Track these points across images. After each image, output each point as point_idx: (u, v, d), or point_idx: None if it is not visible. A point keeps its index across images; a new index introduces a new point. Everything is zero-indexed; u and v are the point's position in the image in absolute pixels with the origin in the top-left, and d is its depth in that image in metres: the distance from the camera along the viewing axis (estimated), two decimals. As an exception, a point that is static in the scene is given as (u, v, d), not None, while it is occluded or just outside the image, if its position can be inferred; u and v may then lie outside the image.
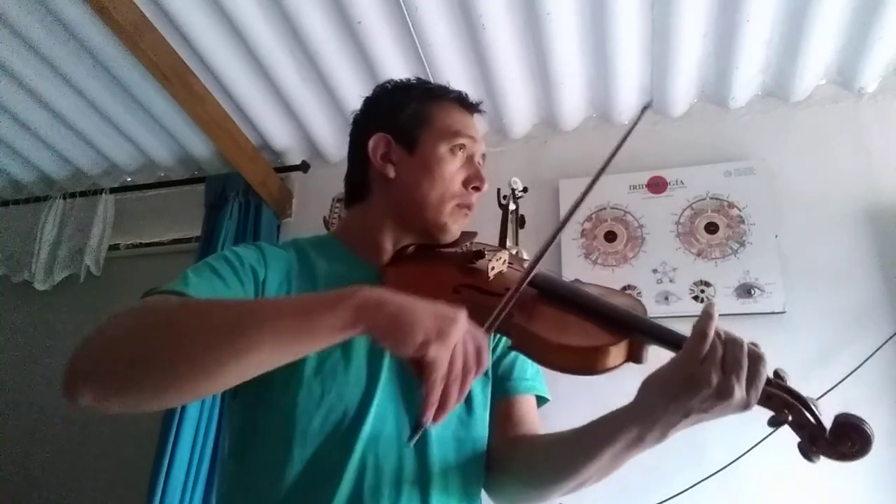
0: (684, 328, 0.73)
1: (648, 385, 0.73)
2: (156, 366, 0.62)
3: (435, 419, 0.64)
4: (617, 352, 0.75)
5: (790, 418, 0.68)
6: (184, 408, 2.05)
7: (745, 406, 0.68)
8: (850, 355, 1.74)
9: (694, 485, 1.70)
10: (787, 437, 0.69)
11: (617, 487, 1.77)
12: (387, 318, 0.63)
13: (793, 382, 0.70)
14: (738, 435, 1.69)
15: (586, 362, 0.75)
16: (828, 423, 0.67)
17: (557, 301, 0.84)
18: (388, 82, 1.04)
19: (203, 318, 0.65)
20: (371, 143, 0.96)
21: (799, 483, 1.68)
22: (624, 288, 2.00)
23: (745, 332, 0.69)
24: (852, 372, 1.69)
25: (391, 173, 0.95)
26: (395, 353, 0.65)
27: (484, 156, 1.02)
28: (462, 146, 0.96)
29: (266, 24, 1.97)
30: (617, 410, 0.77)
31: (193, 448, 2.06)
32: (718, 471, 1.69)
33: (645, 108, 0.91)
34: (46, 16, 2.05)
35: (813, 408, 0.68)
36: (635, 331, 0.76)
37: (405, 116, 0.97)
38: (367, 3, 1.87)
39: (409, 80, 1.04)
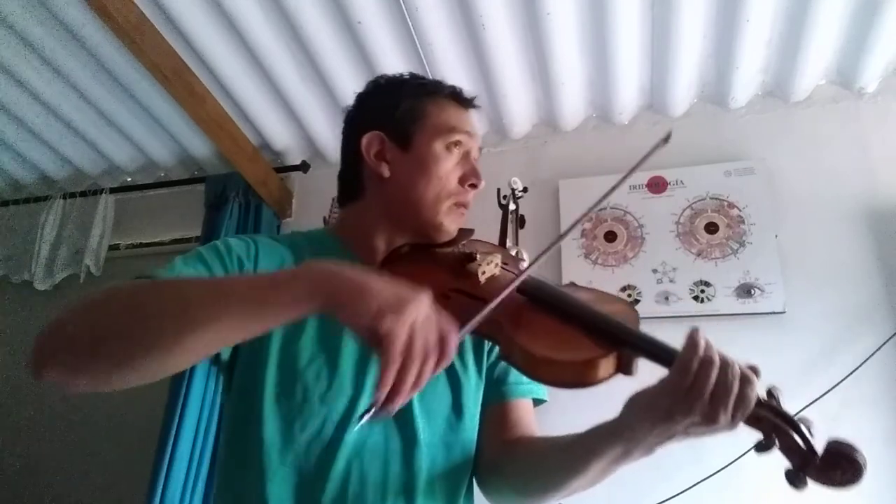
0: (684, 329, 0.73)
1: (633, 406, 0.71)
2: (116, 340, 0.62)
3: (388, 403, 0.60)
4: (606, 365, 0.72)
5: (777, 444, 0.65)
6: (184, 406, 2.05)
7: (731, 428, 0.67)
8: (850, 355, 1.73)
9: (694, 485, 1.70)
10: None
11: (617, 487, 1.77)
12: (343, 287, 0.62)
13: (787, 399, 0.67)
14: (738, 435, 1.69)
15: (573, 376, 0.73)
16: (819, 446, 0.64)
17: (547, 310, 0.81)
18: (381, 77, 1.01)
19: (163, 294, 0.64)
20: (364, 141, 0.93)
21: (799, 483, 1.68)
22: (623, 288, 2.00)
23: (745, 332, 0.69)
24: (852, 372, 1.69)
25: (386, 172, 0.92)
26: (351, 327, 0.62)
27: (480, 150, 0.99)
28: (458, 143, 0.93)
29: (266, 24, 1.97)
30: (603, 425, 0.75)
31: (194, 447, 2.06)
32: (718, 471, 1.68)
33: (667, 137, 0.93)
34: (47, 16, 2.05)
35: (804, 430, 0.65)
36: (625, 344, 0.73)
37: (399, 113, 0.94)
38: (367, 3, 1.87)
39: (402, 75, 1.01)
